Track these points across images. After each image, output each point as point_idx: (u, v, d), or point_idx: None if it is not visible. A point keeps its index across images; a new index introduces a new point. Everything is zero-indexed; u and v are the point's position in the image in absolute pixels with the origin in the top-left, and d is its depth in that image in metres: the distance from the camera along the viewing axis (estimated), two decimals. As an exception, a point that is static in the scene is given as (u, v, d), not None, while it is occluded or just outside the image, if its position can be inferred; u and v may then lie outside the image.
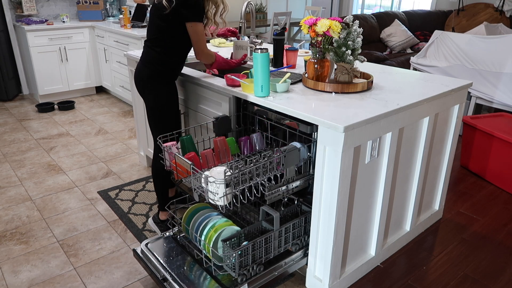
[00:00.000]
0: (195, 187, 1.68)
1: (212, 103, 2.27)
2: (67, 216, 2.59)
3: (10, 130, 4.04)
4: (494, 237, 2.38)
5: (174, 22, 2.04)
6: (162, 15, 2.01)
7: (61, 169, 3.23)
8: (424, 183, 2.25)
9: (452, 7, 6.16)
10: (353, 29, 1.93)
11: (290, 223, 1.84)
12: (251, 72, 2.14)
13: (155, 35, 2.11)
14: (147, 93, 2.18)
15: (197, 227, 1.84)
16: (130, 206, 2.68)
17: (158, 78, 2.14)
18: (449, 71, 3.77)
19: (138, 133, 3.19)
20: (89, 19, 5.09)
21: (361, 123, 1.61)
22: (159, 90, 2.15)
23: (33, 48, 4.59)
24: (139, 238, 2.36)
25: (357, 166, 1.74)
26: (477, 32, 4.49)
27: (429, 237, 2.39)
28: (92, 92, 5.32)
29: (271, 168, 1.64)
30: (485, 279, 2.06)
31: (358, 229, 1.93)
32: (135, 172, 3.17)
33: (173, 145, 1.87)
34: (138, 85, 2.21)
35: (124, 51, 4.11)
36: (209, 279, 1.78)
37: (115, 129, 4.10)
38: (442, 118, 2.18)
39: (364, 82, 1.99)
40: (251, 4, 2.58)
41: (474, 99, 3.68)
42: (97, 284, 2.03)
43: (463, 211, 2.65)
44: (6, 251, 2.26)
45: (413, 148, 2.06)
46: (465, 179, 3.05)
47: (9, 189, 2.93)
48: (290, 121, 1.86)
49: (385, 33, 5.57)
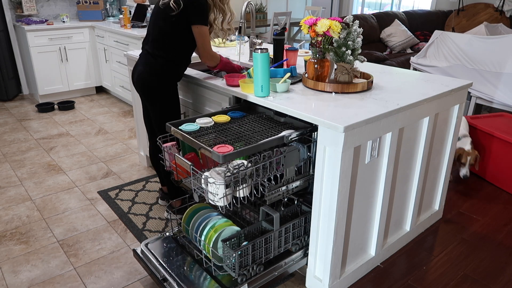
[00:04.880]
0: (195, 188, 1.68)
1: (212, 103, 2.27)
2: (67, 216, 2.59)
3: (10, 130, 4.04)
4: (494, 237, 2.38)
5: (179, 25, 2.05)
6: (167, 18, 2.02)
7: (61, 169, 3.23)
8: (424, 183, 2.25)
9: (452, 7, 6.16)
10: (353, 29, 1.93)
11: (290, 223, 1.84)
12: (249, 72, 2.14)
13: (158, 39, 2.12)
14: (153, 99, 2.21)
15: (197, 227, 1.84)
16: (130, 206, 2.68)
17: (164, 85, 2.18)
18: (449, 71, 3.77)
19: (138, 133, 3.19)
20: (89, 19, 5.09)
21: (361, 123, 1.61)
22: (165, 95, 2.19)
23: (33, 48, 4.59)
24: (139, 238, 2.36)
25: (357, 166, 1.74)
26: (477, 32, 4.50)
27: (429, 237, 2.39)
28: (92, 92, 5.32)
29: (271, 168, 1.64)
30: (485, 279, 2.06)
31: (358, 229, 1.93)
32: (135, 172, 3.17)
33: (173, 145, 1.87)
34: (143, 91, 2.22)
35: (124, 51, 4.11)
36: (209, 279, 1.78)
37: (115, 129, 4.10)
38: (442, 118, 2.18)
39: (364, 82, 1.99)
40: (251, 4, 2.58)
41: (474, 99, 3.68)
42: (97, 284, 2.03)
43: (463, 211, 2.65)
44: (6, 251, 2.26)
45: (413, 148, 2.06)
46: (465, 179, 3.05)
47: (9, 189, 2.93)
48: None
49: (385, 33, 5.57)
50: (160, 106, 2.21)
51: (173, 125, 1.80)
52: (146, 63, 2.17)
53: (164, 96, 2.20)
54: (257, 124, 1.87)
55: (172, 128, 1.79)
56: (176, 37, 2.09)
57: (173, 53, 2.13)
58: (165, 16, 2.03)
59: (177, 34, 2.08)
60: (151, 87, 2.17)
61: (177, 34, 2.09)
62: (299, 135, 1.72)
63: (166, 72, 2.15)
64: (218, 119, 1.87)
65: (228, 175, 1.52)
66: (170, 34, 2.08)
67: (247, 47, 3.07)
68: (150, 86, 2.18)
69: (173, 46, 2.12)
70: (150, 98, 2.22)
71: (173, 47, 2.12)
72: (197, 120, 1.83)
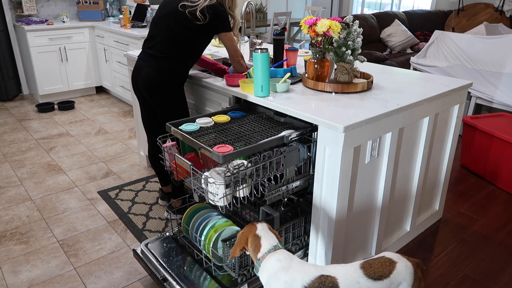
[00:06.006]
0: (195, 188, 1.68)
1: (212, 103, 2.27)
2: (67, 216, 2.59)
3: (10, 130, 4.04)
4: (494, 237, 2.38)
5: (201, 32, 2.09)
6: (191, 25, 2.04)
7: (61, 169, 3.23)
8: (424, 183, 2.25)
9: (452, 7, 6.16)
10: (353, 29, 1.93)
11: (290, 223, 1.84)
12: (249, 72, 2.14)
13: (170, 41, 2.11)
14: (162, 100, 2.20)
15: (197, 227, 1.84)
16: (130, 206, 2.68)
17: (175, 86, 2.18)
18: (449, 71, 3.77)
19: (138, 133, 3.19)
20: (89, 19, 5.09)
21: (361, 123, 1.61)
22: (176, 95, 2.20)
23: (33, 48, 4.59)
24: (139, 238, 2.36)
25: (357, 166, 1.74)
26: (477, 32, 4.50)
27: (429, 237, 2.39)
28: (92, 92, 5.32)
29: (271, 168, 1.64)
30: (485, 279, 2.06)
31: (358, 229, 1.93)
32: (135, 172, 3.17)
33: (173, 145, 1.87)
34: (151, 92, 2.19)
35: (124, 51, 4.11)
36: (209, 279, 1.78)
37: (115, 129, 4.10)
38: (442, 118, 2.18)
39: (364, 82, 1.99)
40: (251, 4, 2.58)
41: (474, 99, 3.68)
42: (97, 284, 2.03)
43: (463, 211, 2.65)
44: (6, 251, 2.26)
45: (413, 148, 2.06)
46: (465, 179, 3.05)
47: (9, 189, 2.93)
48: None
49: (385, 33, 5.57)
50: (170, 107, 2.20)
51: (173, 125, 1.80)
52: (153, 64, 2.14)
53: (173, 96, 2.19)
54: (257, 124, 1.87)
55: (172, 128, 1.79)
56: (195, 42, 2.13)
57: (185, 54, 2.14)
58: (187, 22, 2.04)
59: (197, 39, 2.13)
60: (160, 88, 2.15)
61: (197, 40, 2.13)
62: (299, 135, 1.72)
63: (176, 73, 2.15)
64: (218, 119, 1.87)
65: (228, 175, 1.52)
66: (188, 38, 2.10)
67: (247, 47, 3.07)
68: (159, 88, 2.15)
69: (187, 49, 2.13)
70: (159, 99, 2.19)
71: (187, 50, 2.13)
72: (197, 120, 1.83)
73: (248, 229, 1.46)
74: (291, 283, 1.28)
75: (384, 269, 1.27)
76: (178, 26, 2.08)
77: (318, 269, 1.31)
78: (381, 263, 1.29)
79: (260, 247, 1.39)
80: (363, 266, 1.29)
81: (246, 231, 1.46)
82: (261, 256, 1.38)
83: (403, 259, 1.31)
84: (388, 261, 1.30)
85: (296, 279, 1.28)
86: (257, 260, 1.40)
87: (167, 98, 2.18)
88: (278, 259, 1.34)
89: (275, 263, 1.33)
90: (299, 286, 1.27)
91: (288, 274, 1.29)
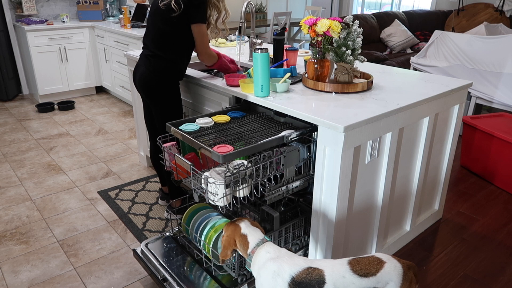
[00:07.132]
0: (195, 188, 1.68)
1: (212, 103, 2.27)
2: (67, 216, 2.59)
3: (10, 130, 4.04)
4: (494, 237, 2.38)
5: (180, 25, 2.06)
6: (168, 19, 2.03)
7: (61, 169, 3.23)
8: (424, 183, 2.25)
9: (452, 7, 6.16)
10: (353, 29, 1.93)
11: (290, 223, 1.84)
12: (249, 72, 2.14)
13: (158, 39, 2.13)
14: (155, 99, 2.22)
15: (197, 227, 1.84)
16: (130, 206, 2.68)
17: (166, 85, 2.19)
18: (449, 71, 3.77)
19: (138, 133, 3.19)
20: (89, 19, 5.09)
21: (361, 123, 1.61)
22: (167, 94, 2.20)
23: (33, 48, 4.59)
24: (139, 238, 2.36)
25: (357, 166, 1.74)
26: (477, 32, 4.49)
27: (429, 237, 2.39)
28: (92, 92, 5.32)
29: (271, 168, 1.64)
30: (485, 279, 2.06)
31: (358, 229, 1.92)
32: (135, 172, 3.17)
33: (173, 145, 1.87)
34: (145, 91, 2.24)
35: (124, 51, 4.10)
36: (209, 279, 1.78)
37: (115, 129, 4.10)
38: (442, 118, 2.18)
39: (364, 82, 1.99)
40: (251, 4, 2.58)
41: (474, 99, 3.68)
42: (97, 284, 2.03)
43: (463, 211, 2.65)
44: (6, 251, 2.26)
45: (413, 148, 2.06)
46: (465, 179, 3.05)
47: (9, 189, 2.93)
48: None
49: (385, 33, 5.57)
50: (162, 106, 2.22)
51: (173, 125, 1.80)
52: (147, 63, 2.18)
53: (166, 95, 2.21)
54: (257, 124, 1.87)
55: (172, 128, 1.79)
56: (177, 37, 2.11)
57: (174, 52, 2.14)
58: (166, 17, 2.04)
59: (178, 34, 2.10)
60: (153, 87, 2.18)
61: (178, 34, 2.10)
62: (299, 135, 1.72)
63: (167, 71, 2.16)
64: (218, 119, 1.86)
65: (228, 175, 1.52)
66: (170, 35, 2.10)
67: (247, 47, 3.07)
68: (152, 86, 2.19)
69: (173, 46, 2.13)
70: (153, 98, 2.22)
71: (173, 47, 2.14)
72: (197, 120, 1.83)
73: (232, 231, 1.50)
74: (279, 272, 1.33)
75: (371, 267, 1.29)
76: (160, 24, 2.09)
77: (307, 261, 1.36)
78: (369, 261, 1.31)
79: (248, 244, 1.45)
80: (351, 262, 1.32)
81: (230, 233, 1.50)
82: (250, 251, 1.44)
83: (393, 260, 1.32)
84: (376, 260, 1.31)
85: (284, 269, 1.33)
86: (247, 256, 1.45)
87: (160, 97, 2.20)
88: (267, 251, 1.40)
89: (264, 255, 1.40)
90: (287, 276, 1.31)
91: (277, 264, 1.35)
